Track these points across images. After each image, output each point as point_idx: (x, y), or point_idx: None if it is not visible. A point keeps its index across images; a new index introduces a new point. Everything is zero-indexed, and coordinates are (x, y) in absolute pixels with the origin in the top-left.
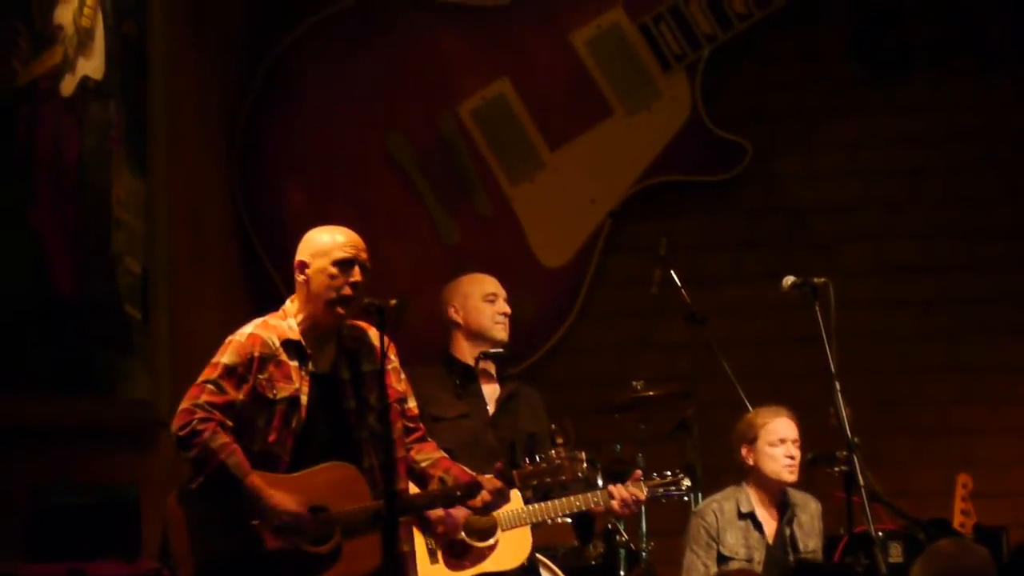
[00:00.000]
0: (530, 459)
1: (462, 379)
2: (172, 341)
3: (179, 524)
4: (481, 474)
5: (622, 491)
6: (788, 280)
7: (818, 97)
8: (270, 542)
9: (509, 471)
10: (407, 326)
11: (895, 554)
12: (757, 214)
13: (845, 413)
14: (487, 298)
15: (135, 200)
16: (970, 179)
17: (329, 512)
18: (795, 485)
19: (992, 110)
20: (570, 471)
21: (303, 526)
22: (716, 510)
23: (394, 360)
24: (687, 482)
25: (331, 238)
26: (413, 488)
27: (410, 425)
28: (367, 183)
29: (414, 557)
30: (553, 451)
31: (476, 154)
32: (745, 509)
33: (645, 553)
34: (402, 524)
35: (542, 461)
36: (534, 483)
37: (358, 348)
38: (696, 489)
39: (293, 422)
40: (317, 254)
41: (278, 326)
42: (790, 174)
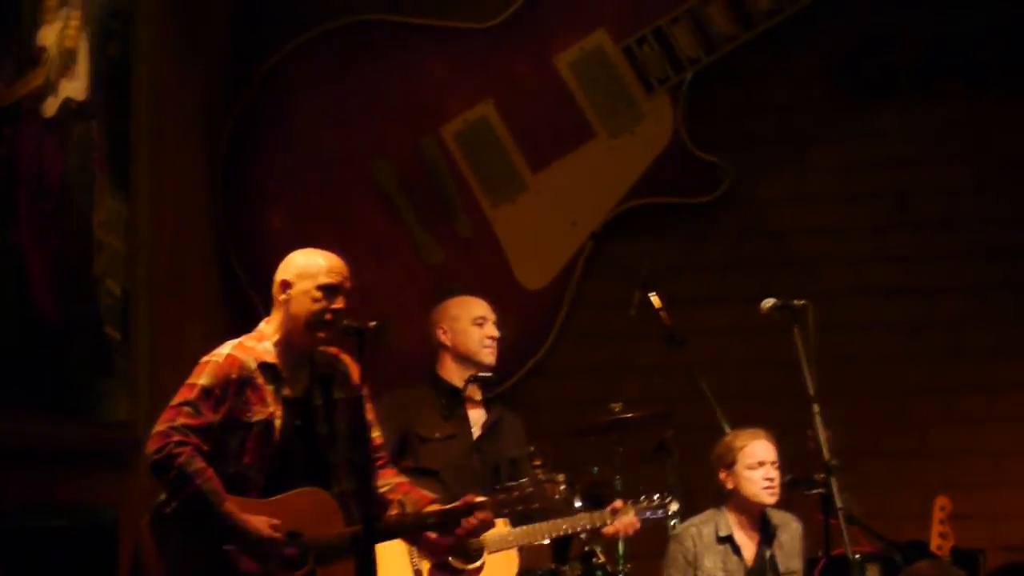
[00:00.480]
0: (503, 487)
1: (449, 401)
2: (152, 363)
3: (152, 548)
4: (467, 495)
5: (616, 525)
6: (768, 302)
7: (801, 120)
8: (244, 566)
9: (487, 501)
10: (388, 348)
11: None
12: (739, 237)
13: (824, 435)
14: (476, 321)
15: (117, 222)
16: (954, 201)
17: (303, 537)
18: (774, 506)
19: (977, 132)
20: (542, 498)
21: (277, 550)
22: (694, 534)
23: (365, 389)
24: (675, 506)
25: (318, 262)
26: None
27: (374, 455)
28: (349, 205)
29: None
30: (527, 478)
31: (458, 176)
32: (724, 533)
33: (621, 574)
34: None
35: (514, 488)
36: (506, 511)
37: (331, 375)
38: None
39: (267, 446)
40: (303, 275)
41: (254, 348)
42: (772, 197)
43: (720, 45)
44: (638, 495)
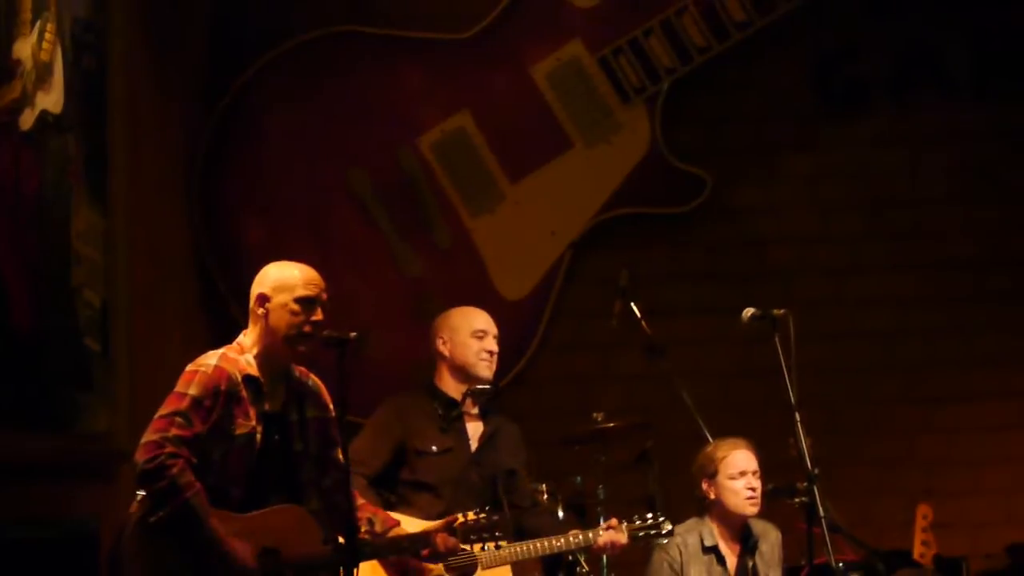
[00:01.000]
0: (471, 513)
1: (446, 412)
2: (131, 374)
3: (136, 557)
4: (459, 511)
5: (607, 536)
6: (748, 312)
7: (778, 130)
8: None
9: (452, 525)
10: (367, 359)
11: None
12: (717, 246)
13: (805, 444)
14: (475, 334)
15: (94, 234)
16: (930, 212)
17: (280, 556)
18: (756, 515)
19: (953, 142)
20: (506, 528)
21: None
22: (680, 543)
23: (332, 408)
24: (668, 526)
25: (293, 274)
26: None
27: (340, 475)
28: (327, 217)
29: None
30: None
31: (436, 187)
32: (709, 543)
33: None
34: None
35: (483, 516)
36: (472, 538)
37: (304, 392)
38: None
39: (247, 459)
40: (280, 288)
41: (237, 360)
42: (750, 206)
43: (694, 56)
44: (631, 515)
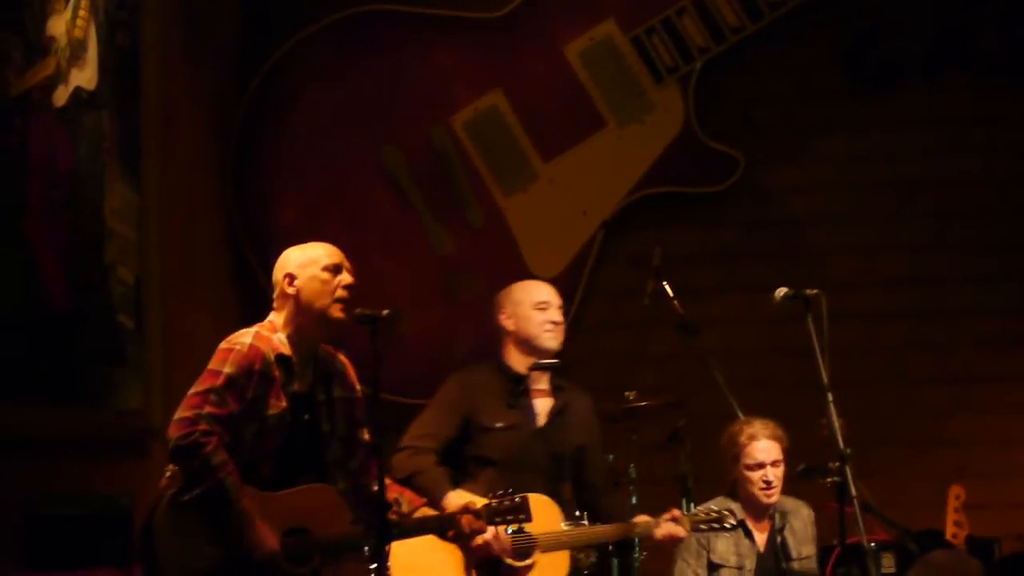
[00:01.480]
0: (497, 496)
1: (513, 388)
2: (165, 350)
3: (169, 533)
4: (523, 487)
5: (665, 528)
6: (780, 292)
7: (810, 110)
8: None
9: (482, 510)
10: (399, 338)
11: (887, 565)
12: (750, 226)
13: (837, 424)
14: (538, 305)
15: (128, 210)
16: (962, 191)
17: (308, 535)
18: (787, 493)
19: (984, 123)
20: (527, 512)
21: (276, 567)
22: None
23: (359, 388)
24: (732, 521)
25: (315, 249)
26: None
27: (367, 456)
28: (360, 195)
29: None
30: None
31: (469, 166)
32: (736, 518)
33: (636, 562)
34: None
35: (506, 499)
36: (497, 520)
37: (331, 372)
38: (689, 500)
39: (277, 438)
40: (304, 264)
41: (271, 339)
42: (783, 186)
43: (727, 35)
44: (696, 513)
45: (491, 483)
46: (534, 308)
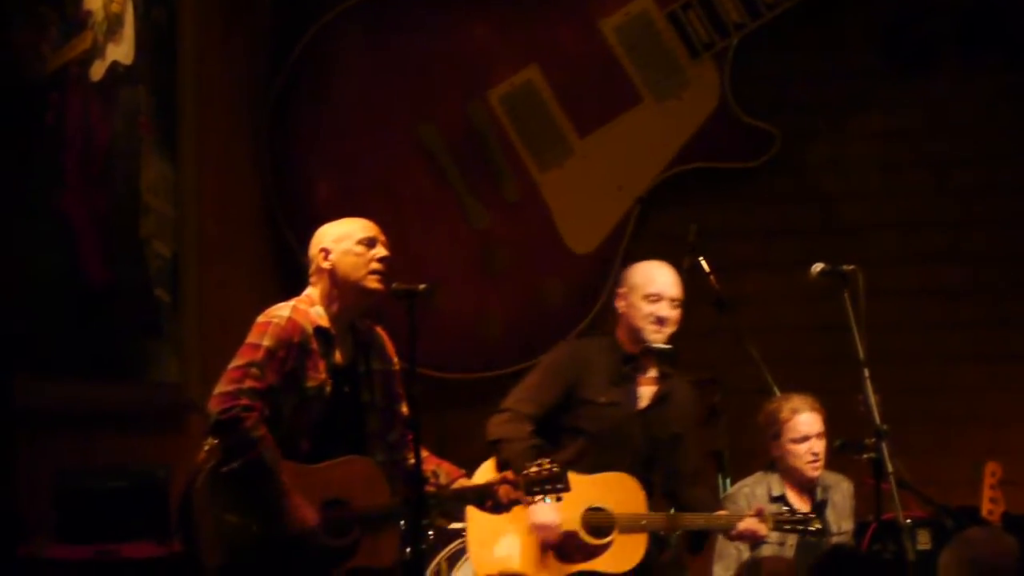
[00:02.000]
0: (531, 466)
1: (621, 366)
2: (201, 324)
3: (207, 506)
4: (612, 465)
5: (747, 524)
6: (817, 267)
7: (846, 87)
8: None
9: (519, 480)
10: (435, 311)
11: (923, 541)
12: (786, 202)
13: (874, 400)
14: (649, 297)
15: (164, 185)
16: (998, 169)
17: (348, 507)
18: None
19: (1019, 101)
20: (565, 481)
21: (315, 540)
22: (748, 495)
23: (397, 361)
24: (819, 524)
25: (349, 224)
26: None
27: (404, 428)
28: (396, 169)
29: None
30: (557, 467)
31: (505, 140)
32: (776, 492)
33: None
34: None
35: (545, 468)
36: (536, 490)
37: (369, 344)
38: (725, 475)
39: (316, 412)
40: (339, 239)
41: (308, 312)
42: (819, 163)
43: (763, 11)
44: (781, 512)
45: (580, 455)
46: (644, 298)
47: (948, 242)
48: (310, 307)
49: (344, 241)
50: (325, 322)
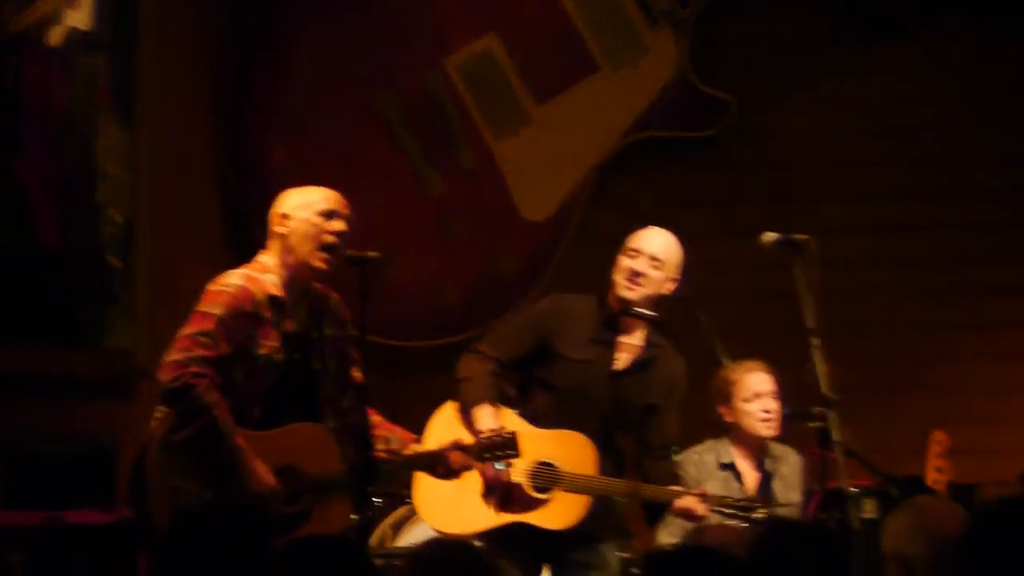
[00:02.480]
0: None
1: (602, 326)
2: (153, 291)
3: (161, 474)
4: (576, 423)
5: (686, 501)
6: (768, 236)
7: (805, 55)
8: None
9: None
10: (388, 279)
11: (869, 510)
12: (741, 170)
13: (822, 370)
14: (628, 252)
15: (120, 151)
16: (954, 138)
17: (300, 473)
18: (774, 439)
19: (980, 70)
20: (517, 448)
21: (274, 500)
22: (696, 461)
23: (351, 327)
24: (762, 511)
25: (314, 193)
26: None
27: (355, 394)
28: (351, 136)
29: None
30: (509, 433)
31: (462, 108)
32: (725, 460)
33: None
34: None
35: (496, 434)
36: (487, 456)
37: (323, 310)
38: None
39: (268, 379)
40: (300, 207)
41: (260, 280)
42: (775, 131)
43: None
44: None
45: (545, 408)
46: (624, 252)
47: (901, 212)
48: (263, 274)
49: (304, 210)
50: (278, 290)
